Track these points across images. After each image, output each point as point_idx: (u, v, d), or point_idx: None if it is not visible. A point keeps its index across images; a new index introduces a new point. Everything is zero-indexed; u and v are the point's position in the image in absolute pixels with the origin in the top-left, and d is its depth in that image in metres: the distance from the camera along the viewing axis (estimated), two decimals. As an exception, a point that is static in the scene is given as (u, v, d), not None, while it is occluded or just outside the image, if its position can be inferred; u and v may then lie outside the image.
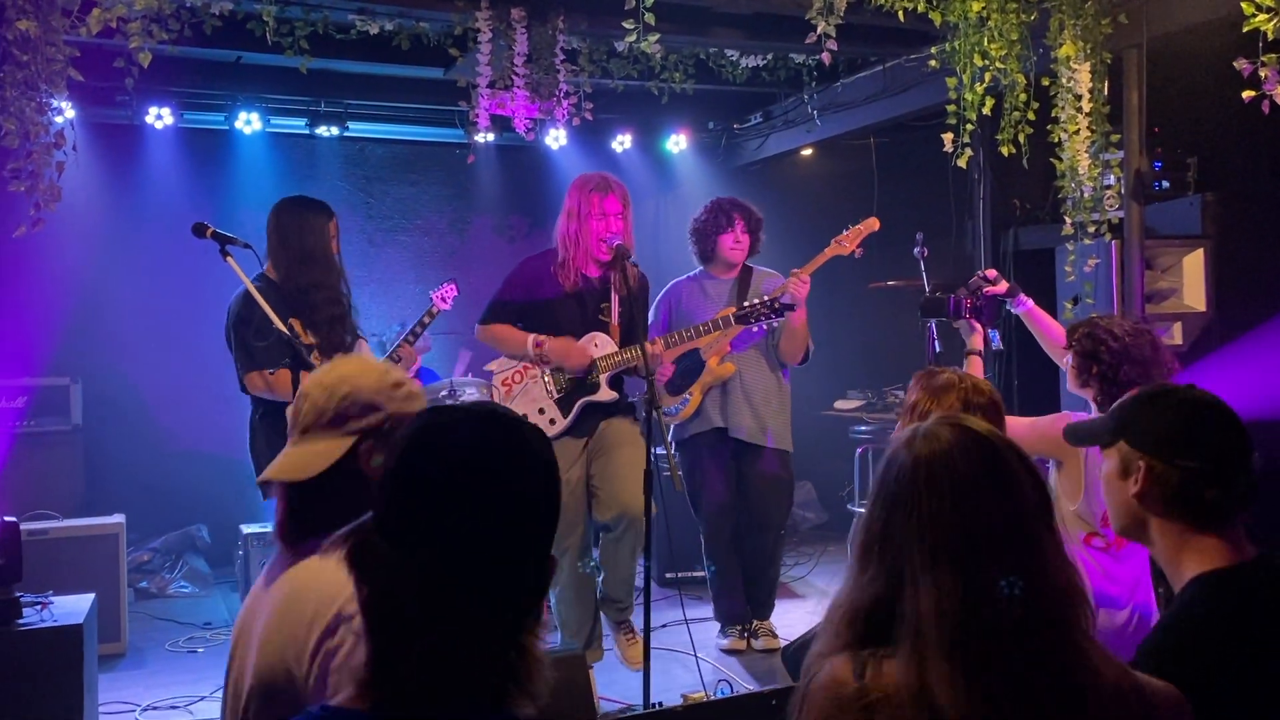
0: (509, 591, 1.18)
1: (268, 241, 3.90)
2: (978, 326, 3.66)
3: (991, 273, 3.79)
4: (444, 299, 4.68)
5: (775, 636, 4.77)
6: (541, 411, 4.13)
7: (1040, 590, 1.31)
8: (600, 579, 4.26)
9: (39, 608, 3.42)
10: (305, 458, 1.69)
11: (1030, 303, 3.78)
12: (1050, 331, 3.65)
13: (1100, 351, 3.05)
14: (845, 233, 4.58)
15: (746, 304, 4.30)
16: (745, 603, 4.85)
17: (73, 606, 3.52)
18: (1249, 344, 4.40)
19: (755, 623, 4.83)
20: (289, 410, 1.77)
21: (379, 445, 1.70)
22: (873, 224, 4.59)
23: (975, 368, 3.46)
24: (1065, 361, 3.27)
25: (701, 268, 4.88)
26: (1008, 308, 3.89)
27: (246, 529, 5.15)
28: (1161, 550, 1.80)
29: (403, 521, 1.17)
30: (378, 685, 1.16)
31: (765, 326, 4.70)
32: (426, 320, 4.50)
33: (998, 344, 3.91)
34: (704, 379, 4.70)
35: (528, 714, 1.19)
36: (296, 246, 3.84)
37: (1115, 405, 1.91)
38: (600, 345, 4.14)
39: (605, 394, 4.14)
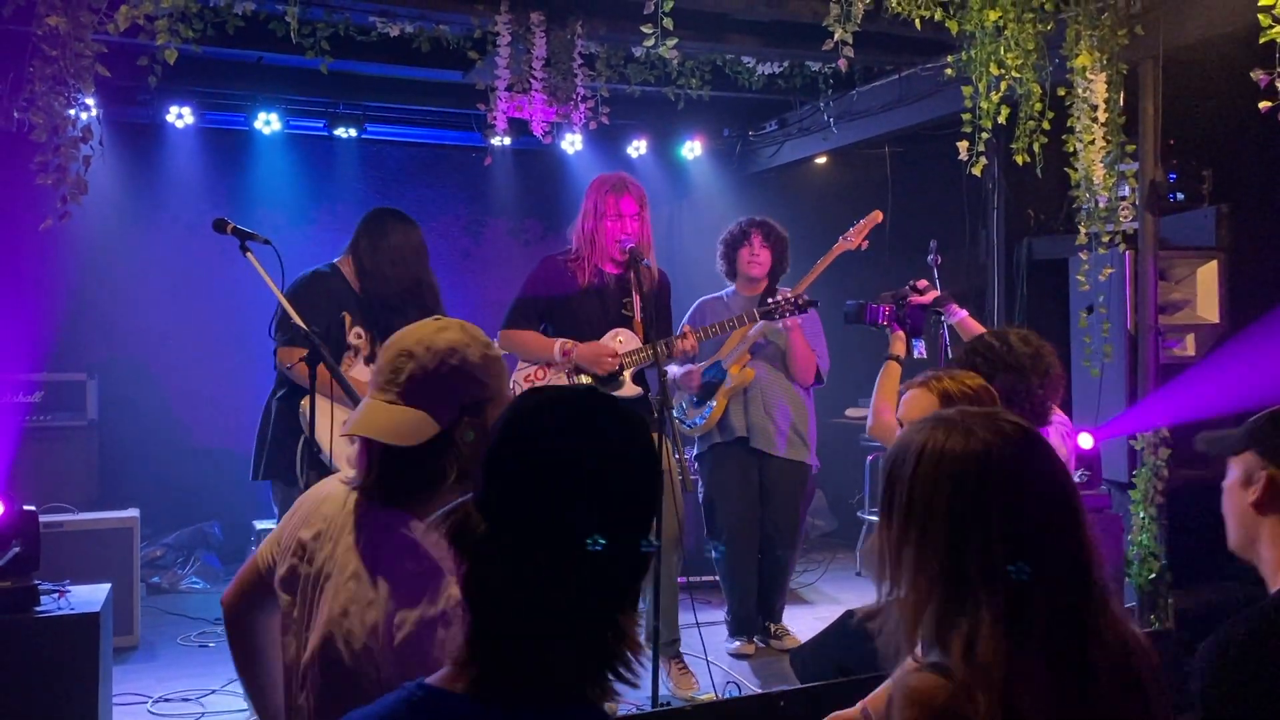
0: (606, 573, 1.16)
1: (362, 240, 3.89)
2: (899, 333, 3.67)
3: (922, 283, 3.80)
4: None
5: (794, 636, 4.80)
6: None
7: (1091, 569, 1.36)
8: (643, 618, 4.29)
9: (56, 596, 3.45)
10: (408, 422, 1.65)
11: (963, 313, 3.77)
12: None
13: (977, 362, 3.01)
14: (850, 229, 4.61)
15: (770, 300, 4.33)
16: (759, 611, 4.88)
17: (89, 596, 3.55)
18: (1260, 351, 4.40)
19: (773, 626, 4.87)
20: (380, 361, 1.73)
21: (475, 420, 1.68)
22: (876, 217, 4.62)
23: (891, 373, 3.47)
24: None
25: (731, 286, 4.91)
26: (942, 319, 3.88)
27: (259, 525, 5.19)
28: (1269, 559, 1.78)
29: (502, 501, 1.17)
30: (475, 665, 1.17)
31: (771, 340, 4.75)
32: None
33: (920, 352, 3.90)
34: (726, 386, 4.72)
35: (611, 708, 1.19)
36: (396, 258, 3.85)
37: (1250, 420, 1.89)
38: (625, 341, 4.15)
39: (630, 389, 4.14)
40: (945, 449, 1.37)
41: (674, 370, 4.64)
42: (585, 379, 4.17)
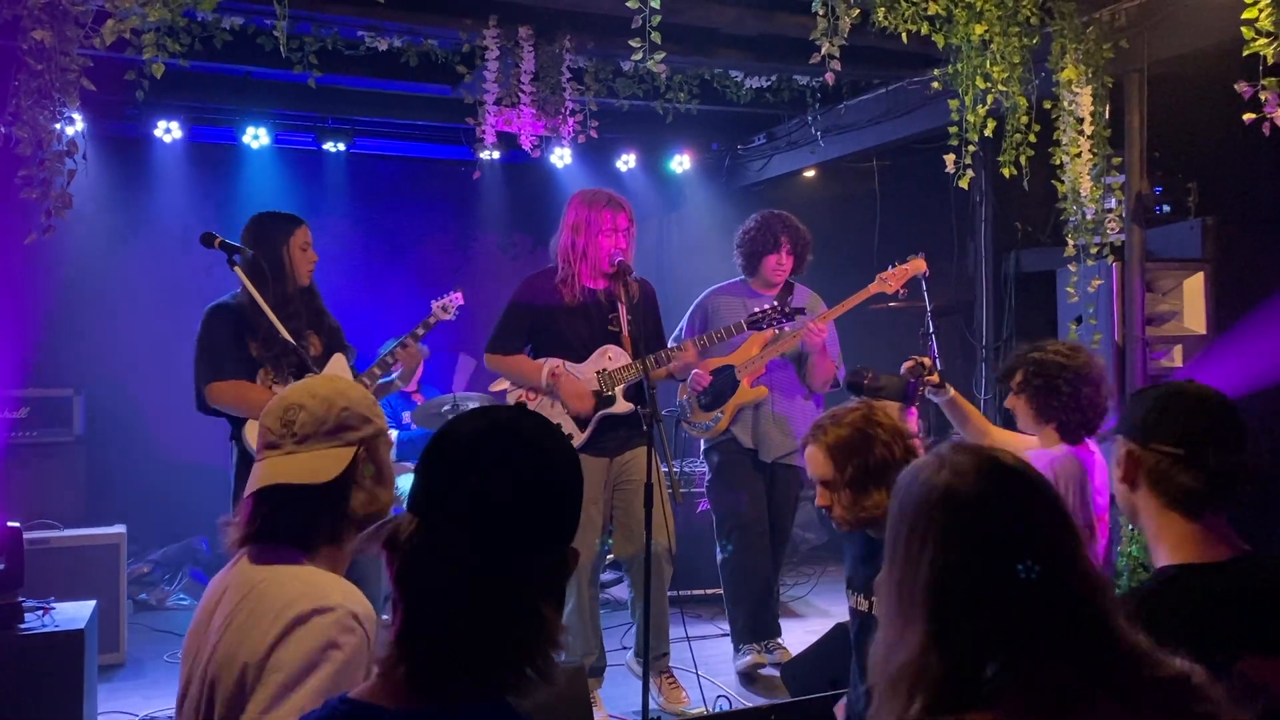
0: (533, 571, 1.23)
1: (247, 245, 3.88)
2: (914, 413, 3.61)
3: (928, 361, 3.70)
4: (445, 309, 4.38)
5: (785, 649, 4.76)
6: (558, 426, 4.07)
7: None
8: (633, 631, 4.26)
9: (41, 613, 3.43)
10: (316, 462, 1.75)
11: (953, 391, 3.70)
12: (974, 415, 3.53)
13: (1059, 383, 2.95)
14: (891, 270, 4.45)
15: (758, 309, 4.30)
16: (767, 616, 4.81)
17: (74, 613, 3.53)
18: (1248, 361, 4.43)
19: (771, 641, 4.81)
20: (265, 422, 1.79)
21: (370, 456, 1.80)
22: (920, 265, 4.48)
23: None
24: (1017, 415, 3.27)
25: (744, 278, 4.84)
26: (929, 396, 3.77)
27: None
28: (1148, 532, 1.83)
29: (430, 499, 1.24)
30: (401, 667, 1.20)
31: (785, 359, 4.71)
32: (420, 331, 4.28)
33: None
34: (736, 399, 4.67)
35: (529, 706, 1.23)
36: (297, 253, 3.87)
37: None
38: (614, 357, 4.14)
39: (621, 406, 4.13)
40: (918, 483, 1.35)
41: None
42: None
